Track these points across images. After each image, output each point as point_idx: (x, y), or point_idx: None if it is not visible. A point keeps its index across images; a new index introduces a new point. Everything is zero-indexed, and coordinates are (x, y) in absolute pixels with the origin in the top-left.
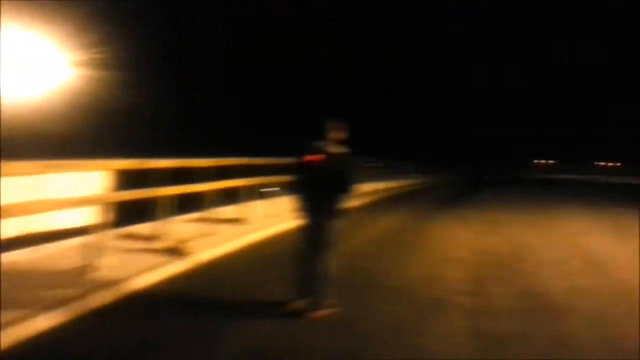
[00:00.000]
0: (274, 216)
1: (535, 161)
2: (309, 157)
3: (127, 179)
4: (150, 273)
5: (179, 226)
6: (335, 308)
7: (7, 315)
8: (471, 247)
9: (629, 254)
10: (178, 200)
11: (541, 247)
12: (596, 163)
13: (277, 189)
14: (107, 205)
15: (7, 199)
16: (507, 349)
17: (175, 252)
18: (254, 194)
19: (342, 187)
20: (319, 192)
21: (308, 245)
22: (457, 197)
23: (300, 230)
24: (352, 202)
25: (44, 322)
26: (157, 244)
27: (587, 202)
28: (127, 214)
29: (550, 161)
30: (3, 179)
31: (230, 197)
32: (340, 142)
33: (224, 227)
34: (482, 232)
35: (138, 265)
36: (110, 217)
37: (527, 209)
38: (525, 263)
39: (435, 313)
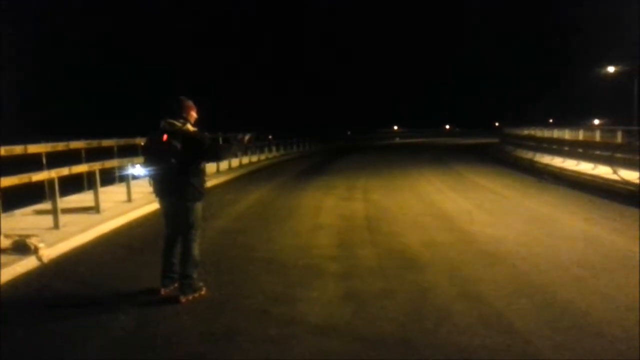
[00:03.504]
0: (131, 201)
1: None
2: (160, 137)
3: None
4: None
5: (21, 220)
6: (204, 289)
7: None
8: (337, 214)
9: (473, 206)
10: (17, 192)
11: (401, 208)
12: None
13: (135, 171)
14: None
15: None
16: (377, 305)
17: (20, 249)
18: (108, 178)
19: (196, 167)
20: (171, 173)
21: (169, 229)
22: (320, 166)
23: (159, 215)
24: (217, 179)
25: None
26: None
27: (433, 160)
28: None
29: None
30: None
31: (81, 183)
32: (194, 121)
33: (76, 218)
34: (346, 199)
35: None
36: None
37: (386, 171)
38: (388, 224)
39: (308, 280)
